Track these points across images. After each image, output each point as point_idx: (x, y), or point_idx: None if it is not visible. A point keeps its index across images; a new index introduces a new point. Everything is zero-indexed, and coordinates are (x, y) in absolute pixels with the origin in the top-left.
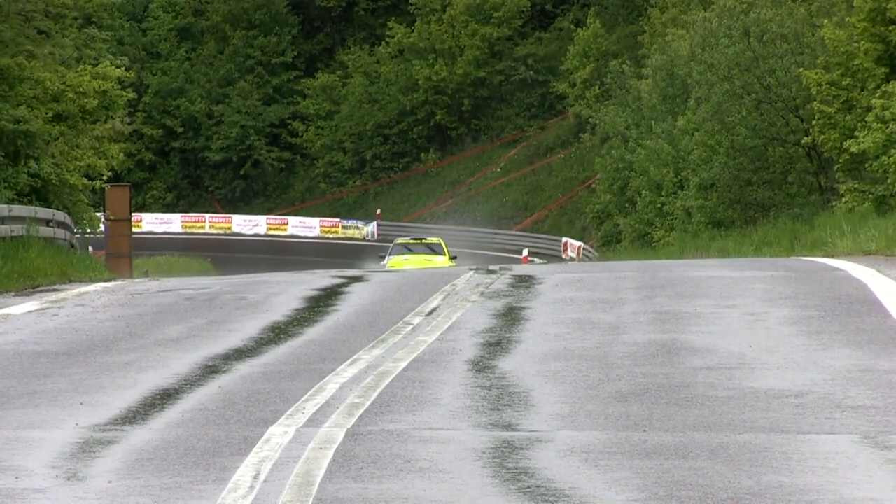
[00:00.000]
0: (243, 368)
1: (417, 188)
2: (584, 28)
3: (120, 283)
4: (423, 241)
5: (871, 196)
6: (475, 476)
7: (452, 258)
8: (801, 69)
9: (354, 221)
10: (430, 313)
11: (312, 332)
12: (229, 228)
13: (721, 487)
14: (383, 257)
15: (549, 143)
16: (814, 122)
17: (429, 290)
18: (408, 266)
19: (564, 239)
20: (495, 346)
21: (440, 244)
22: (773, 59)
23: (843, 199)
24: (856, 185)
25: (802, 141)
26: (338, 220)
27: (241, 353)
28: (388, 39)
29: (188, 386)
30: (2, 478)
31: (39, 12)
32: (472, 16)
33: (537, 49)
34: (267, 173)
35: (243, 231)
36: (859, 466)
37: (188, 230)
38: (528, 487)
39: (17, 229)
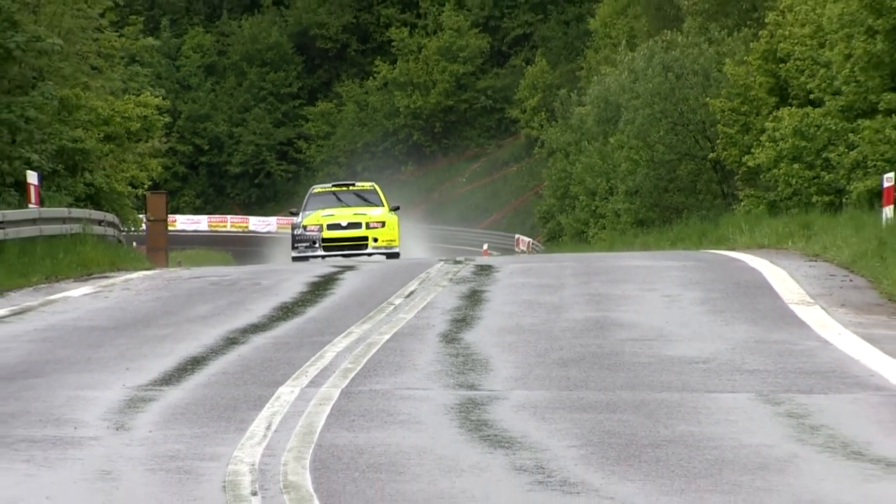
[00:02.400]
0: (258, 340)
1: (398, 193)
2: (533, 65)
3: (158, 271)
4: (352, 187)
5: (764, 201)
6: (445, 427)
7: (394, 209)
8: (708, 98)
9: None
10: (408, 295)
11: (314, 311)
12: (246, 227)
13: (643, 436)
14: (295, 213)
15: (504, 158)
16: (718, 142)
17: (407, 277)
18: (333, 222)
19: (517, 235)
20: (461, 322)
21: (374, 190)
22: (685, 90)
23: (742, 204)
24: (752, 192)
25: (709, 156)
26: None
27: (256, 328)
28: (374, 75)
29: (213, 354)
30: (64, 428)
31: (93, 52)
32: (443, 56)
33: (495, 82)
34: (277, 182)
35: (258, 229)
36: (755, 419)
37: (213, 228)
38: (488, 436)
39: (76, 228)
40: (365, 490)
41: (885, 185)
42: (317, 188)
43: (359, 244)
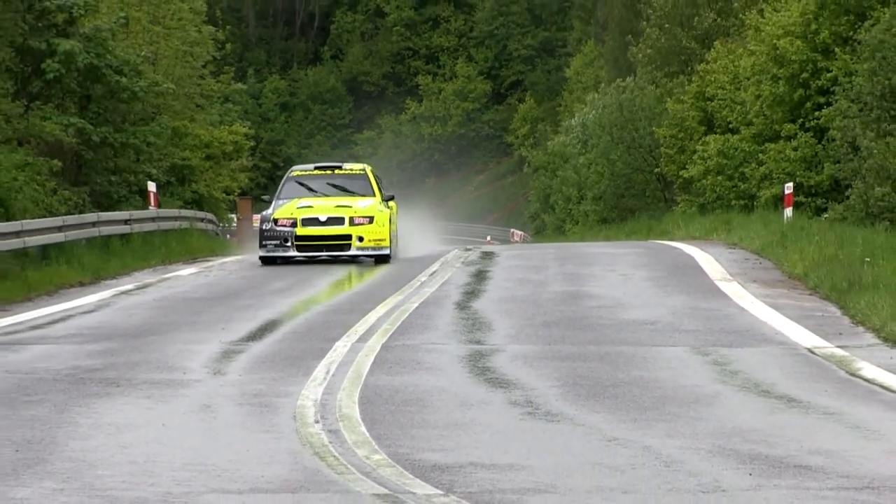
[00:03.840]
0: (320, 308)
1: (423, 200)
2: (524, 103)
3: (244, 257)
4: (339, 170)
5: (695, 204)
6: (458, 372)
7: (387, 199)
8: (653, 127)
9: None
10: (431, 274)
11: (360, 286)
12: None
13: (606, 379)
14: (267, 201)
15: (502, 172)
16: (661, 159)
17: (430, 261)
18: (309, 216)
19: (512, 229)
20: (471, 293)
21: (365, 175)
22: (636, 122)
23: (679, 206)
24: (686, 198)
25: (655, 170)
26: None
27: (318, 299)
28: (406, 110)
29: (286, 318)
30: (175, 373)
31: (197, 94)
32: (456, 96)
33: (495, 116)
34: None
35: None
36: (689, 366)
37: None
38: (491, 378)
39: (184, 224)
40: (399, 419)
41: (786, 192)
42: (296, 170)
43: (340, 244)
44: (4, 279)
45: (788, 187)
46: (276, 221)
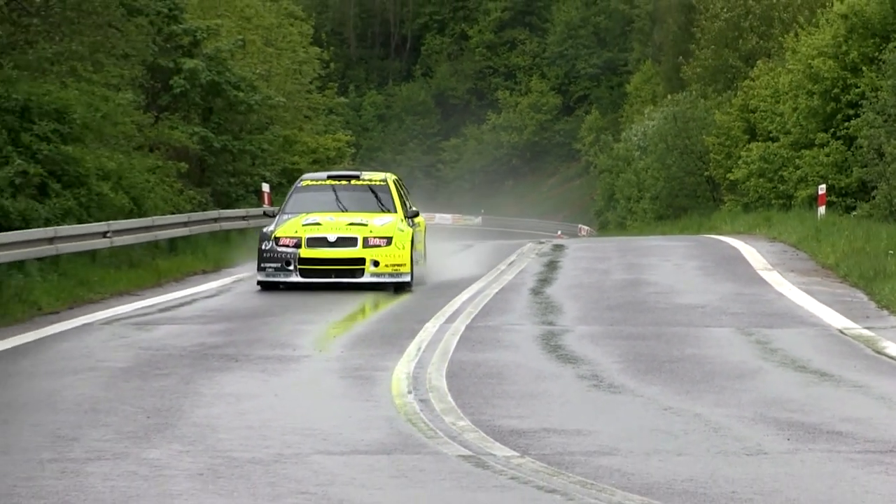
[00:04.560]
0: (410, 295)
1: (503, 199)
2: (590, 115)
3: None
4: (356, 180)
5: (740, 203)
6: (533, 349)
7: (412, 216)
8: (703, 136)
9: (470, 216)
10: (510, 264)
11: (447, 275)
12: None
13: (661, 355)
14: (271, 214)
15: (571, 175)
16: (710, 164)
17: (509, 251)
18: (316, 235)
19: (579, 225)
20: (544, 281)
21: (387, 186)
22: (689, 131)
23: (726, 205)
24: (732, 197)
25: (704, 174)
26: (459, 214)
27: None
28: (487, 121)
29: (384, 302)
30: (286, 350)
31: (305, 106)
32: (531, 108)
33: (565, 126)
34: (423, 187)
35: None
36: (735, 344)
37: None
38: (561, 355)
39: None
40: (481, 390)
41: (820, 192)
42: (306, 179)
43: (351, 269)
44: (138, 268)
45: (822, 188)
46: (276, 241)
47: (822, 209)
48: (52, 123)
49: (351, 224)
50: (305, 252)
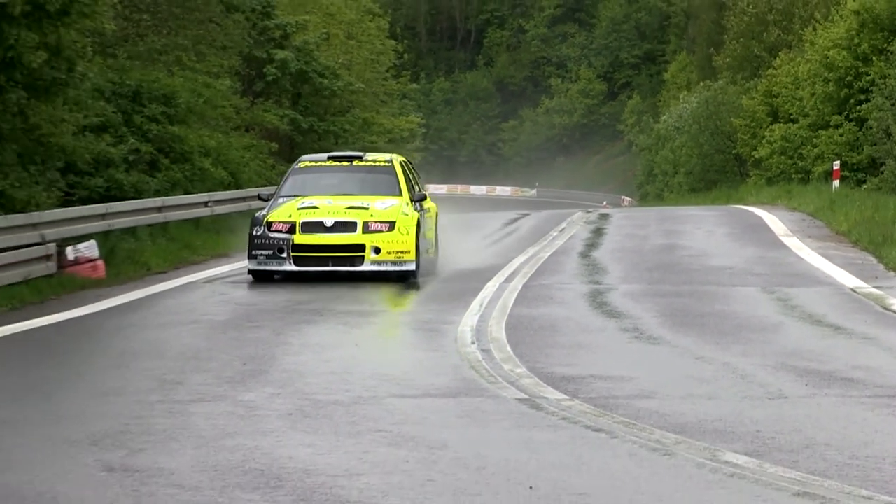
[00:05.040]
0: (473, 257)
1: (556, 174)
2: (631, 99)
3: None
4: (358, 161)
5: (764, 177)
6: (581, 305)
7: (419, 199)
8: (732, 118)
9: (526, 189)
10: (561, 230)
11: (507, 240)
12: (468, 191)
13: (694, 311)
14: (266, 199)
15: (615, 153)
16: (738, 143)
17: (560, 219)
18: (312, 219)
19: (622, 196)
20: (591, 245)
21: (391, 168)
22: (719, 114)
23: (751, 179)
24: (757, 172)
25: (732, 151)
26: (517, 187)
27: (471, 250)
28: (541, 105)
29: (451, 263)
30: (365, 305)
31: (381, 92)
32: (580, 94)
33: (610, 109)
34: (485, 163)
35: (475, 193)
36: (759, 301)
37: (449, 192)
38: (606, 311)
39: None
40: (536, 340)
41: (834, 168)
42: (305, 160)
43: (349, 256)
44: (235, 233)
45: (836, 164)
46: (269, 226)
47: (836, 183)
48: (160, 107)
49: (350, 208)
50: (300, 238)
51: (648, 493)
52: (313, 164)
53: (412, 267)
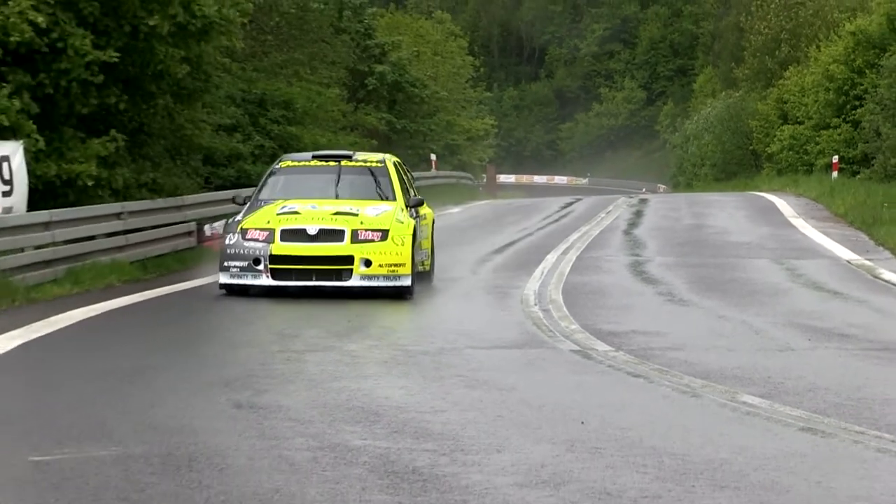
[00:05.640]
0: (536, 234)
1: (604, 167)
2: (666, 105)
3: (491, 201)
4: (347, 161)
5: (775, 169)
6: (624, 274)
7: (415, 206)
8: (749, 120)
9: (579, 178)
10: (607, 212)
11: (564, 220)
12: (532, 180)
13: (717, 278)
14: (242, 203)
15: (652, 149)
16: (753, 141)
17: (608, 203)
18: (293, 227)
19: (658, 185)
20: (632, 224)
21: (384, 169)
22: (738, 117)
23: (764, 170)
24: (769, 165)
25: (749, 148)
26: (573, 176)
27: (534, 228)
28: (592, 110)
29: (517, 239)
30: (448, 273)
31: (462, 99)
32: (624, 101)
33: (649, 113)
34: (545, 158)
35: (537, 182)
36: (771, 271)
37: (517, 181)
38: (644, 278)
39: (453, 181)
40: (586, 302)
41: (833, 161)
42: (286, 159)
43: (336, 269)
44: None
45: (835, 158)
46: (244, 233)
47: (835, 174)
48: (281, 111)
49: (337, 213)
50: (278, 248)
51: (679, 427)
52: (296, 164)
53: (407, 282)
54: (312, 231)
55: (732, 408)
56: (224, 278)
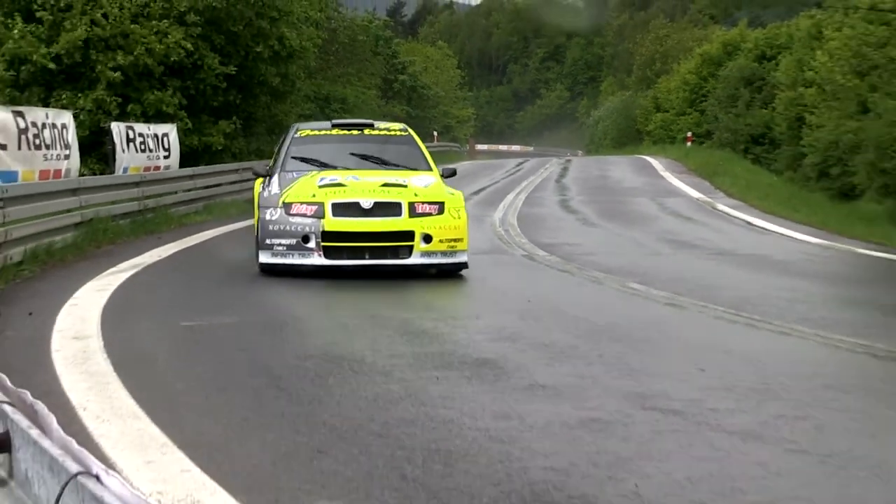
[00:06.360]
0: (500, 182)
1: (545, 139)
2: (584, 100)
3: (472, 161)
4: (369, 130)
5: (651, 141)
6: (555, 207)
7: (448, 177)
8: (636, 110)
9: (527, 146)
10: (545, 169)
11: (517, 174)
12: (498, 148)
13: (616, 210)
14: (263, 174)
15: (575, 128)
16: (638, 122)
17: (545, 163)
18: (344, 200)
19: (578, 151)
20: (561, 176)
21: (410, 138)
22: (629, 109)
23: (644, 142)
24: (648, 139)
25: (635, 127)
26: (523, 145)
27: (499, 178)
28: (536, 103)
29: (488, 185)
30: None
31: (453, 97)
32: (557, 98)
33: (572, 105)
34: (506, 133)
35: (501, 149)
36: (649, 206)
37: (489, 149)
38: (568, 210)
39: (447, 149)
40: (532, 225)
41: (688, 136)
42: (304, 128)
43: (394, 246)
44: None
45: (689, 134)
46: (287, 208)
47: (689, 144)
48: (339, 105)
49: (386, 185)
50: (331, 223)
51: (590, 303)
52: (316, 132)
53: (465, 258)
54: (367, 204)
55: (623, 290)
56: (265, 257)
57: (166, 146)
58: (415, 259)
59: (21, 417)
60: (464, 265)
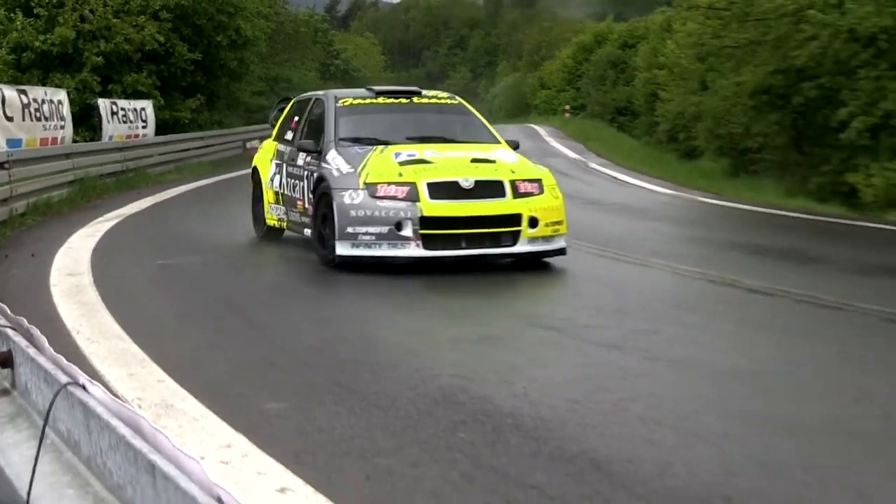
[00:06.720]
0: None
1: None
2: (483, 81)
3: None
4: (417, 98)
5: (538, 112)
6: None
7: (514, 147)
8: (525, 88)
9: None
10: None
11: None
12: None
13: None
14: (313, 150)
15: (477, 102)
16: (528, 97)
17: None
18: (438, 178)
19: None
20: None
21: (464, 106)
22: (521, 86)
23: (532, 114)
24: (536, 112)
25: (525, 102)
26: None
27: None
28: (445, 83)
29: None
30: None
31: (379, 78)
32: (462, 79)
33: (476, 85)
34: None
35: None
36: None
37: None
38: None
39: None
40: None
41: (566, 108)
42: (343, 96)
43: (500, 233)
44: None
45: (567, 107)
46: (370, 189)
47: (567, 115)
48: (286, 84)
49: (476, 161)
50: (430, 208)
51: None
52: (359, 101)
53: (563, 243)
54: (467, 184)
55: None
56: (345, 248)
57: (144, 118)
58: (521, 247)
59: (21, 339)
60: (562, 251)
